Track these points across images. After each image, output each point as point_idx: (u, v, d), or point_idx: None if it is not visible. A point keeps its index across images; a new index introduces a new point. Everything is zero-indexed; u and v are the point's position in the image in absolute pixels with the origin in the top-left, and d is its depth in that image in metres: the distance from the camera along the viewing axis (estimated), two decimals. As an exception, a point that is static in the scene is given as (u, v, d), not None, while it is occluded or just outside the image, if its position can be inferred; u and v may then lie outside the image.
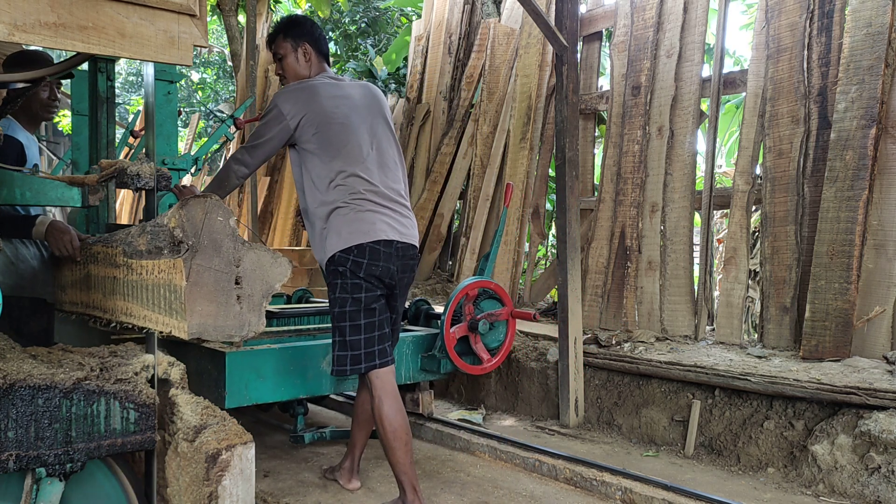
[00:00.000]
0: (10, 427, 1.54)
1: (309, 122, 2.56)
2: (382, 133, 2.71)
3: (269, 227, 7.68)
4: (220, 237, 1.75)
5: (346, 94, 2.68)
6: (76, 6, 1.44)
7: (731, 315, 4.00)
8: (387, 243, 2.55)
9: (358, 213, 2.53)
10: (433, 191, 6.09)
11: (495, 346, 3.56)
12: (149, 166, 1.89)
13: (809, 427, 3.06)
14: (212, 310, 1.73)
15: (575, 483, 2.99)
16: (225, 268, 1.75)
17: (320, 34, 2.80)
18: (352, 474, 2.94)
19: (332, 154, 2.56)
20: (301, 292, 4.34)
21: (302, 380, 2.93)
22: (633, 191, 4.52)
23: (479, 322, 3.42)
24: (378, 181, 2.59)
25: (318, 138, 2.57)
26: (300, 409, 3.19)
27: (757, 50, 4.12)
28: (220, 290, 1.74)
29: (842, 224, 3.51)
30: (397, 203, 2.64)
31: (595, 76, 5.31)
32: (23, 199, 2.04)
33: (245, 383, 2.74)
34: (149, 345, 1.89)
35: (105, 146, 3.78)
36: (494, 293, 3.55)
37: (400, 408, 2.56)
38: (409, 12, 10.98)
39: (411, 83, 6.69)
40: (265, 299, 1.83)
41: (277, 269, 1.84)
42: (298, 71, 2.74)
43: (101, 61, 3.81)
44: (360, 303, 2.54)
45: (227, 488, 1.68)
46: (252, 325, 1.80)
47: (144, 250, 1.88)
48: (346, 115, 2.62)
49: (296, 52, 2.73)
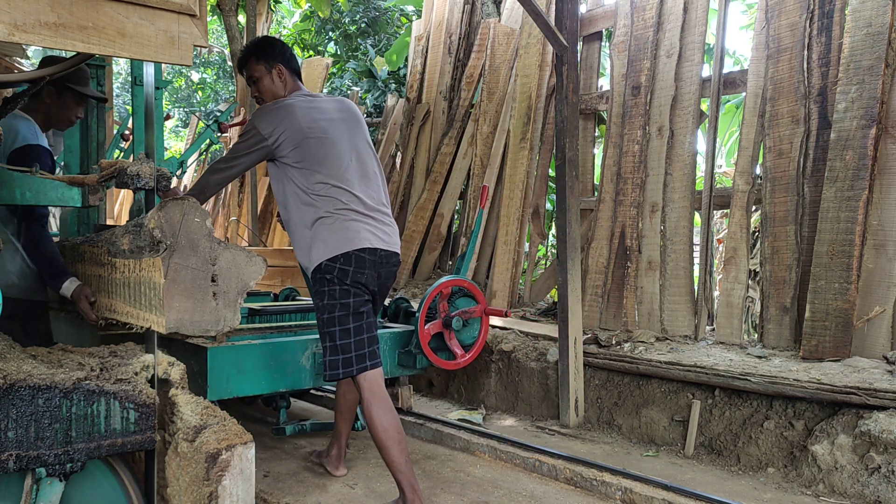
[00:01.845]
0: (10, 427, 1.54)
1: (287, 138, 2.63)
2: (361, 145, 2.79)
3: (269, 227, 7.69)
4: (197, 237, 1.85)
5: (321, 108, 2.75)
6: (76, 6, 1.44)
7: (731, 315, 4.00)
8: (371, 251, 2.63)
9: (342, 222, 2.60)
10: (433, 191, 6.09)
11: (470, 343, 3.70)
12: (149, 166, 1.89)
13: (809, 427, 3.06)
14: (189, 305, 1.82)
15: (575, 483, 2.99)
16: (201, 266, 1.85)
17: (291, 53, 2.88)
18: (339, 461, 3.10)
19: (312, 167, 2.63)
20: (288, 291, 4.44)
21: (282, 374, 3.05)
22: (633, 191, 4.52)
23: (452, 319, 3.55)
24: (360, 192, 2.67)
25: (297, 153, 2.63)
26: (283, 403, 3.33)
27: (757, 50, 4.12)
28: (196, 287, 1.84)
29: (842, 224, 3.51)
30: (379, 212, 2.72)
31: (595, 76, 5.31)
32: (23, 198, 2.04)
33: (226, 377, 2.86)
34: (148, 345, 1.90)
35: (96, 149, 3.85)
36: (469, 291, 3.69)
37: (389, 407, 2.59)
38: (410, 12, 10.98)
39: (411, 83, 6.69)
40: (240, 296, 1.94)
41: (252, 268, 1.95)
42: (275, 91, 2.81)
43: (91, 66, 3.87)
44: (348, 307, 2.61)
45: (227, 488, 1.69)
46: (227, 321, 1.91)
47: (127, 250, 1.97)
48: (324, 129, 2.69)
49: (270, 74, 2.80)
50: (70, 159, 3.81)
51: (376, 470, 3.13)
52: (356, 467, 3.16)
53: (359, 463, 3.22)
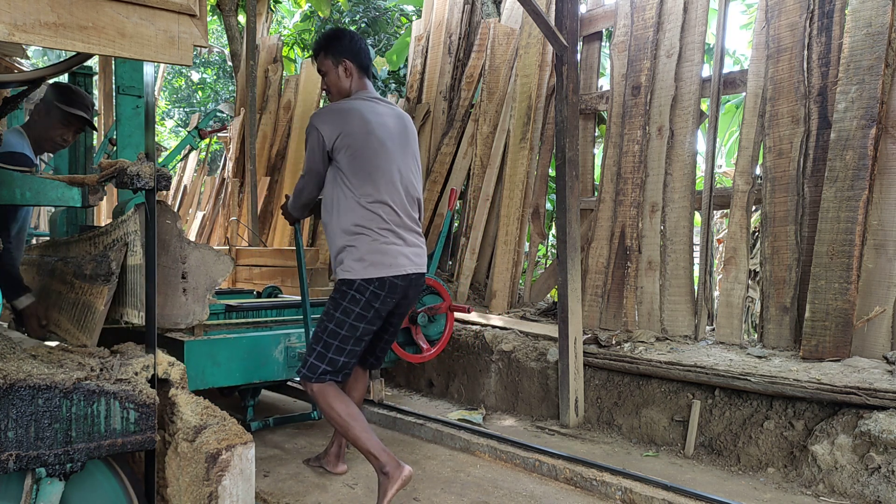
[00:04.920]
0: (10, 427, 1.54)
1: (343, 143, 2.64)
2: (410, 161, 2.81)
3: (269, 227, 7.68)
4: (168, 237, 1.99)
5: (382, 120, 2.73)
6: (76, 6, 1.44)
7: (731, 315, 4.00)
8: (404, 277, 2.68)
9: (383, 244, 2.63)
10: (433, 191, 6.09)
11: (436, 337, 3.98)
12: (149, 166, 1.89)
13: (809, 427, 3.06)
14: (159, 300, 1.93)
15: (575, 483, 2.99)
16: (172, 264, 1.99)
17: (360, 47, 2.83)
18: (338, 459, 3.11)
19: (362, 178, 2.64)
20: (270, 289, 4.52)
21: (255, 366, 3.22)
22: (633, 191, 4.52)
23: (418, 315, 3.84)
24: (402, 212, 2.71)
25: (350, 160, 2.65)
26: (250, 401, 3.47)
27: (757, 50, 4.12)
28: (167, 284, 1.99)
29: (842, 224, 3.51)
30: (414, 232, 2.77)
31: (595, 76, 5.30)
32: (23, 199, 2.04)
33: (202, 369, 3.02)
34: (149, 345, 1.90)
35: (84, 153, 3.93)
36: (434, 289, 3.93)
37: (338, 393, 2.66)
38: (410, 12, 10.98)
39: (411, 83, 6.69)
40: (209, 292, 2.08)
41: (220, 266, 2.09)
42: (341, 87, 2.81)
43: (79, 75, 3.92)
44: (356, 331, 2.66)
45: (227, 488, 1.69)
46: (196, 315, 2.05)
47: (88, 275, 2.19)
48: (381, 141, 2.69)
49: (336, 69, 2.80)
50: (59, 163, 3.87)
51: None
52: (356, 467, 3.16)
53: (359, 463, 3.22)
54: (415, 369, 4.88)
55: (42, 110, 2.93)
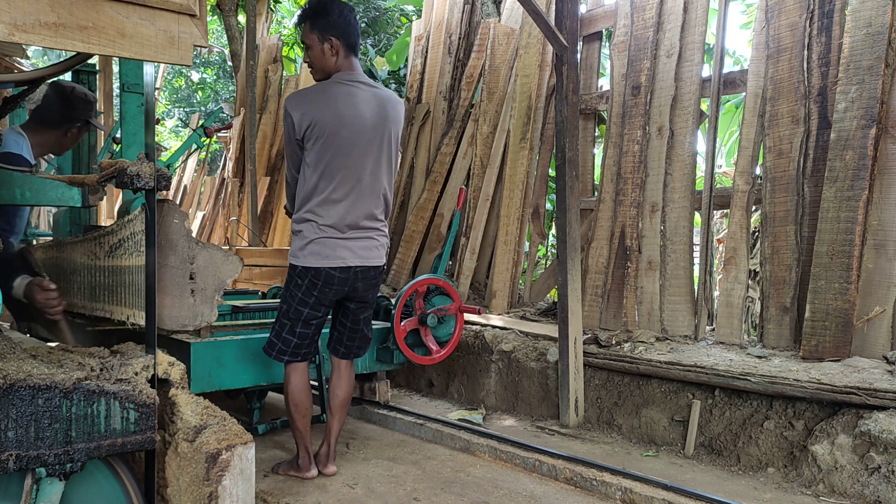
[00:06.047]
0: (10, 427, 1.54)
1: (312, 134, 2.65)
2: (384, 155, 2.79)
3: (269, 226, 7.69)
4: (176, 237, 1.95)
5: (357, 111, 2.70)
6: (76, 6, 1.44)
7: (731, 315, 4.00)
8: (344, 269, 2.75)
9: (323, 237, 2.73)
10: (433, 191, 6.09)
11: (446, 339, 3.87)
12: (149, 166, 1.89)
13: (809, 427, 3.06)
14: (167, 302, 1.91)
15: (575, 483, 2.99)
16: (180, 265, 1.95)
17: (349, 22, 2.72)
18: (328, 459, 3.09)
19: (321, 172, 2.68)
20: (276, 290, 4.51)
21: (261, 368, 3.21)
22: (633, 191, 4.52)
23: (428, 316, 3.73)
24: (359, 209, 2.74)
25: (315, 153, 2.67)
26: (256, 404, 3.50)
27: (757, 50, 4.12)
28: (175, 285, 1.95)
29: (842, 224, 3.51)
30: (368, 228, 2.80)
31: (595, 76, 5.30)
32: (23, 198, 2.04)
33: (208, 371, 3.03)
34: (149, 345, 1.89)
35: (87, 152, 3.94)
36: (444, 290, 3.86)
37: (305, 387, 2.90)
38: (410, 12, 10.98)
39: (411, 83, 6.69)
40: (217, 293, 2.04)
41: (229, 266, 2.07)
42: (324, 65, 2.76)
43: (83, 73, 3.93)
44: (300, 314, 2.82)
45: (227, 488, 1.69)
46: (205, 316, 2.02)
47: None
48: (350, 140, 2.68)
49: (322, 45, 2.71)
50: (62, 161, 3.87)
51: (376, 470, 3.13)
52: (356, 467, 3.16)
53: (359, 463, 3.22)
54: (415, 369, 4.88)
55: (43, 113, 2.91)
